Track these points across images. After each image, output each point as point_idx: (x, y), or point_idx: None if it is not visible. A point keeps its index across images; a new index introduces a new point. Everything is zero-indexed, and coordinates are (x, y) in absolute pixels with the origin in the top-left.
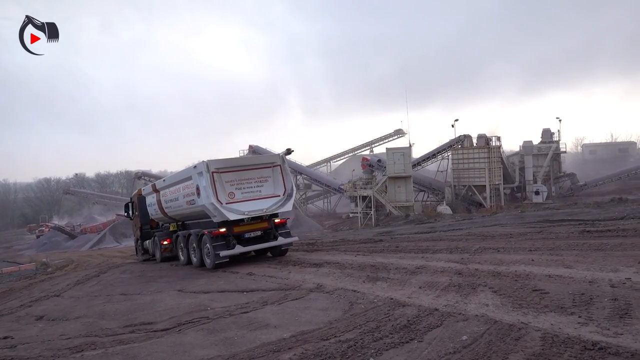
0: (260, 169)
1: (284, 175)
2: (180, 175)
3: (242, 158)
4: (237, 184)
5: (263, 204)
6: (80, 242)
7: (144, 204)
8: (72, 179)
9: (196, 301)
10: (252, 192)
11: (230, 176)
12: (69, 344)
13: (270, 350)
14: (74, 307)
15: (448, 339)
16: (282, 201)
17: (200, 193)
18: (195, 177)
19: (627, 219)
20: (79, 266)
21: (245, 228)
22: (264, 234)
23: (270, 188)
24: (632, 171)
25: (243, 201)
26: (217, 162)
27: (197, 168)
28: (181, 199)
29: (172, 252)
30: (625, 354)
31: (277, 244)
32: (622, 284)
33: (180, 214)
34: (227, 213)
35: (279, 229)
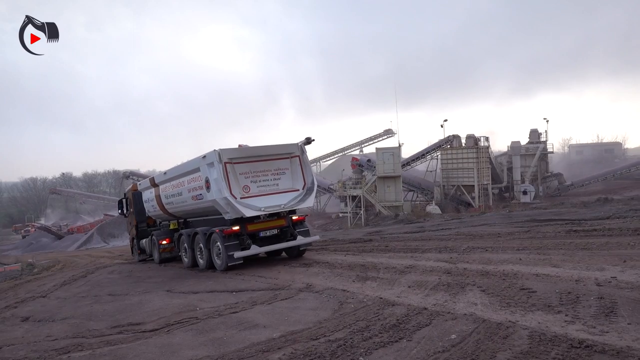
0: (277, 159)
1: (304, 167)
2: (185, 167)
3: (257, 147)
4: (253, 176)
5: (281, 199)
6: (67, 242)
7: (139, 200)
8: (59, 179)
9: (185, 301)
10: (269, 185)
11: (245, 167)
12: (56, 345)
13: (259, 350)
14: (61, 308)
15: (437, 337)
16: (302, 196)
17: (211, 186)
18: (204, 169)
19: (613, 219)
20: (66, 267)
21: (260, 226)
22: (281, 233)
23: (288, 181)
24: (617, 171)
25: (259, 196)
26: (231, 152)
27: (207, 158)
28: (185, 194)
29: (172, 253)
30: (610, 352)
31: (296, 244)
32: (608, 282)
33: (184, 211)
34: (242, 209)
35: (297, 227)
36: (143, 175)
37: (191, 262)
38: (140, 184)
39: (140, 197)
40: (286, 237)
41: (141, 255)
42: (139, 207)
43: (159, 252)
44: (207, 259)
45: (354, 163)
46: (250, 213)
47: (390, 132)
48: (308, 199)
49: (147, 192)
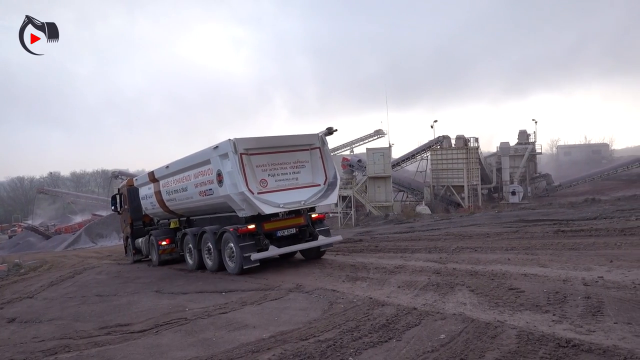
0: (296, 151)
1: (325, 160)
2: (192, 160)
3: (276, 137)
4: (270, 169)
5: (301, 195)
6: (54, 242)
7: (135, 196)
8: (47, 178)
9: (174, 302)
10: (288, 180)
11: (262, 159)
12: (42, 347)
13: (249, 351)
14: (48, 308)
15: (426, 337)
16: (323, 192)
17: (223, 180)
18: (215, 161)
19: (600, 219)
20: (53, 267)
21: (278, 225)
22: (299, 232)
23: (308, 175)
24: (604, 172)
25: (277, 191)
26: (247, 142)
27: (220, 148)
28: (192, 189)
29: (172, 255)
30: (597, 351)
31: (317, 245)
32: (595, 282)
33: (188, 208)
34: (261, 205)
35: (316, 225)
36: (132, 175)
37: (197, 264)
38: (137, 179)
39: (136, 193)
40: (304, 237)
41: (137, 255)
42: (134, 204)
43: (158, 253)
44: (216, 260)
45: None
46: (270, 210)
47: (380, 133)
48: (331, 195)
49: (144, 188)
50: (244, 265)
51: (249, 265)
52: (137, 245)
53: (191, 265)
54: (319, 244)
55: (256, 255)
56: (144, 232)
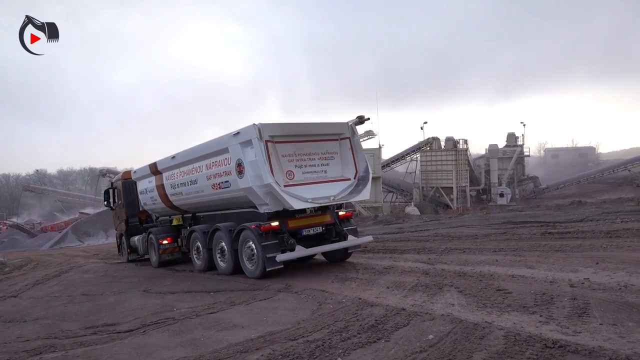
0: (324, 141)
1: (355, 151)
2: (204, 149)
3: (303, 124)
4: (297, 160)
5: (330, 190)
6: (40, 240)
7: (132, 190)
8: (33, 176)
9: (162, 302)
10: (316, 172)
11: (289, 148)
12: (27, 347)
13: (237, 351)
14: (33, 308)
15: (415, 338)
16: (353, 186)
17: (245, 171)
18: (235, 149)
19: (586, 221)
20: (39, 266)
21: (303, 222)
22: (325, 232)
23: (337, 168)
24: (591, 175)
25: (304, 184)
26: (273, 128)
27: (242, 135)
28: (203, 182)
29: (173, 255)
30: (583, 352)
31: (348, 245)
32: (581, 284)
33: (197, 203)
34: (290, 199)
35: (343, 224)
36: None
37: (206, 265)
38: (136, 171)
39: (132, 187)
40: (330, 236)
41: (132, 254)
42: (130, 199)
43: (158, 253)
44: (232, 262)
45: None
46: (300, 205)
47: (371, 134)
48: (363, 191)
49: (144, 182)
50: (267, 267)
51: (272, 267)
52: (132, 243)
53: (199, 266)
54: (349, 244)
55: (282, 256)
56: (141, 229)
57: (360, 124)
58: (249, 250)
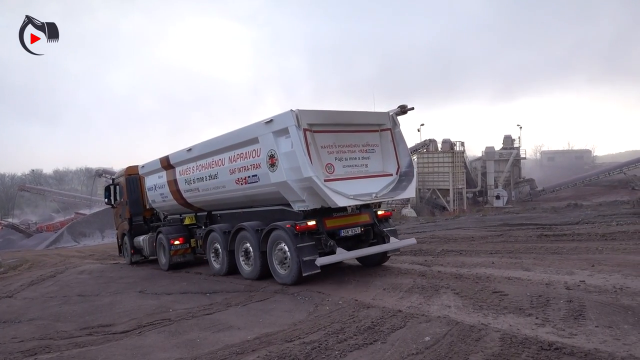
0: (364, 132)
1: (397, 144)
2: (227, 140)
3: (342, 113)
4: (337, 152)
5: (372, 186)
6: (35, 240)
7: (136, 187)
8: (28, 175)
9: (158, 302)
10: (357, 166)
11: (328, 139)
12: (22, 347)
13: (233, 353)
14: (28, 308)
15: (411, 340)
16: (395, 183)
17: (278, 163)
18: (267, 139)
19: (582, 224)
20: (34, 266)
21: (341, 222)
22: (363, 233)
23: (378, 162)
24: (586, 178)
25: (345, 179)
26: (311, 115)
27: (276, 123)
28: (225, 176)
29: (185, 256)
30: (579, 354)
31: (390, 248)
32: (577, 286)
33: (215, 200)
34: (334, 196)
35: (382, 224)
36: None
37: (227, 269)
38: (144, 166)
39: (137, 184)
40: (368, 238)
41: (135, 256)
42: (134, 196)
43: (169, 254)
44: (259, 265)
45: None
46: (344, 202)
47: None
48: (408, 188)
49: (152, 177)
50: (304, 272)
51: (310, 272)
52: (136, 244)
53: (218, 270)
54: (392, 247)
55: (322, 260)
56: (145, 229)
57: (403, 114)
58: (281, 252)
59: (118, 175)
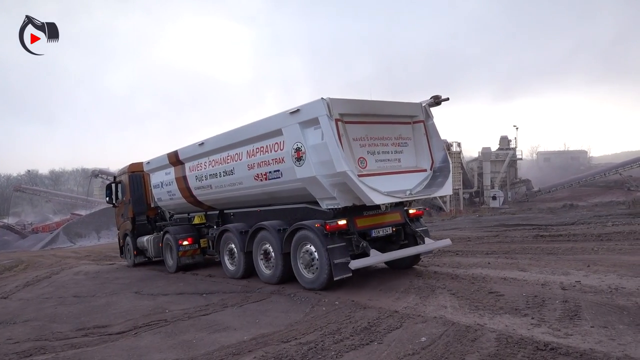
0: (397, 124)
1: (430, 138)
2: (246, 133)
3: (373, 102)
4: (370, 145)
5: (405, 182)
6: (31, 241)
7: (140, 184)
8: (24, 176)
9: (154, 303)
10: (390, 161)
11: (360, 130)
12: (17, 349)
13: (229, 353)
14: (23, 309)
15: (407, 340)
16: (429, 179)
17: (306, 157)
18: (292, 131)
19: (578, 224)
20: (29, 267)
21: (373, 221)
22: (395, 233)
23: (411, 157)
24: (582, 179)
25: (377, 174)
26: (343, 104)
27: (304, 112)
28: (242, 172)
29: (194, 257)
30: (574, 354)
31: (426, 250)
32: (573, 286)
33: (230, 198)
34: (370, 192)
35: (414, 224)
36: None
37: (243, 271)
38: (149, 162)
39: (141, 181)
40: (399, 238)
41: (138, 257)
42: (138, 194)
43: (177, 255)
44: (280, 268)
45: None
46: (381, 199)
47: None
48: (445, 184)
49: (159, 174)
50: (335, 276)
51: (341, 276)
52: (140, 244)
53: (232, 272)
54: (427, 248)
55: (356, 263)
56: (149, 229)
57: (437, 106)
58: (307, 254)
59: (120, 172)
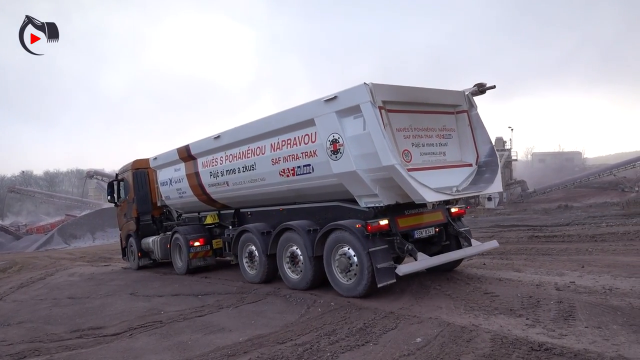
0: (440, 113)
1: (474, 129)
2: (272, 124)
3: (417, 89)
4: (414, 136)
5: (451, 178)
6: (25, 242)
7: (145, 182)
8: (19, 177)
9: (149, 305)
10: (434, 154)
11: (404, 120)
12: (11, 350)
13: (225, 355)
14: (17, 311)
15: (402, 341)
16: (474, 175)
17: (345, 150)
18: (328, 121)
19: (572, 225)
20: (24, 268)
21: (415, 221)
22: (438, 234)
23: (455, 150)
24: (577, 180)
25: (422, 169)
26: (386, 90)
27: (343, 99)
28: (266, 167)
29: (206, 260)
30: (568, 355)
31: (475, 252)
32: (567, 287)
33: (249, 195)
34: (421, 189)
35: (457, 224)
36: (108, 175)
37: (264, 276)
38: (157, 158)
39: (145, 179)
40: (441, 240)
41: (143, 259)
42: (142, 193)
43: (188, 257)
44: (311, 273)
45: None
46: (433, 196)
47: None
48: (495, 181)
49: (167, 170)
50: (379, 282)
51: (385, 282)
52: (144, 246)
53: (252, 276)
54: (475, 251)
55: (405, 268)
56: (154, 229)
57: (481, 94)
58: (344, 258)
59: (123, 169)
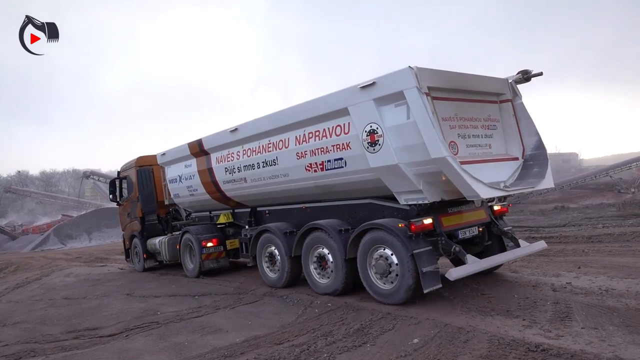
0: (485, 102)
1: (519, 120)
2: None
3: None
4: (460, 126)
5: (497, 173)
6: (21, 243)
7: (150, 180)
8: (14, 177)
9: (146, 305)
10: (480, 147)
11: (450, 109)
12: (6, 352)
13: (221, 356)
14: (13, 311)
15: (399, 342)
16: (520, 169)
17: (384, 141)
18: (364, 110)
19: (569, 226)
20: (19, 269)
21: (459, 220)
22: (481, 234)
23: (500, 142)
24: (573, 181)
25: (470, 162)
26: (432, 75)
27: (383, 86)
28: (289, 161)
29: (218, 261)
30: (565, 355)
31: (523, 254)
32: (564, 288)
33: (270, 192)
34: (475, 184)
35: (500, 223)
36: (105, 175)
37: (288, 279)
38: (165, 154)
39: (150, 176)
40: (483, 240)
41: (148, 261)
42: (147, 191)
43: (200, 258)
44: (342, 277)
45: None
46: (488, 192)
47: None
48: (546, 175)
49: (177, 167)
50: (425, 287)
51: (431, 288)
52: (150, 247)
53: (273, 280)
54: (525, 252)
55: (456, 272)
56: (160, 229)
57: (525, 82)
58: (383, 260)
59: (126, 166)
